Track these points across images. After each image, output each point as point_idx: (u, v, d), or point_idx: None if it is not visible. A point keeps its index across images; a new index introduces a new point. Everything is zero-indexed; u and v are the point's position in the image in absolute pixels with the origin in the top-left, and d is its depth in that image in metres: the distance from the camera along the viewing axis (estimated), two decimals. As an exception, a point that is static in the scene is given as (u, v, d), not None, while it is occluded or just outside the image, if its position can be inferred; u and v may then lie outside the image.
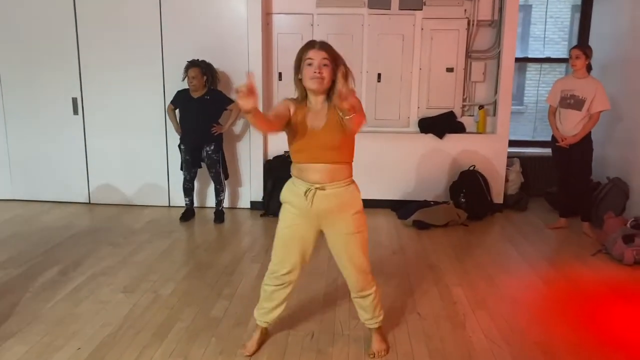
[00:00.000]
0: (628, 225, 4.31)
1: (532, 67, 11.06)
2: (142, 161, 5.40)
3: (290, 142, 2.45)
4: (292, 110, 2.40)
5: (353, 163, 2.48)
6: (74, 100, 5.30)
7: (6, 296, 3.30)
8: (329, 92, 2.40)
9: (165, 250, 4.22)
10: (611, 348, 2.78)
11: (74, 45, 5.21)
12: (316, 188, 2.38)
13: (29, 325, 2.94)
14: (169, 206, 5.46)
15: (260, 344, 2.74)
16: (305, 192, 2.38)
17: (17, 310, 3.11)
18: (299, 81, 2.41)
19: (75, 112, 5.33)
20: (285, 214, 2.51)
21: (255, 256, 4.11)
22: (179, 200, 5.25)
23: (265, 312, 2.66)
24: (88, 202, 5.52)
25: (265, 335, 2.80)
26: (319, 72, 2.32)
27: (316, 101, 2.42)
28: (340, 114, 2.24)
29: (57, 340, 2.77)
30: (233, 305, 3.22)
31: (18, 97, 5.36)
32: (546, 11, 11.23)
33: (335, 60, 2.35)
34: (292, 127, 2.40)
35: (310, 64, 2.34)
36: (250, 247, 4.38)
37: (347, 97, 2.06)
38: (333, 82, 2.36)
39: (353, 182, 2.50)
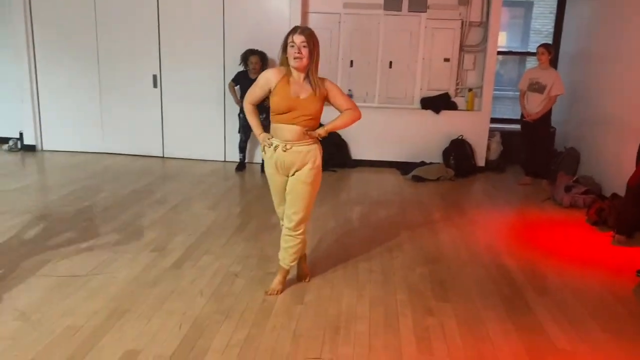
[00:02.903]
0: (571, 181, 5.78)
1: (531, 59, 12.30)
2: (205, 125, 6.96)
3: (273, 106, 3.03)
4: (274, 82, 3.00)
5: (367, 133, 3.61)
6: (154, 77, 6.88)
7: (130, 207, 4.90)
8: (308, 70, 2.98)
9: (229, 188, 5.83)
10: (547, 254, 4.19)
11: (156, 34, 6.76)
12: (287, 144, 3.04)
13: (152, 225, 4.55)
14: (224, 161, 7.03)
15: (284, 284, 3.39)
16: (276, 147, 3.07)
17: (141, 217, 4.72)
18: (285, 59, 3.00)
19: (155, 85, 6.91)
20: (267, 168, 3.21)
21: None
22: (233, 156, 6.81)
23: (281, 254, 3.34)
24: (162, 156, 7.12)
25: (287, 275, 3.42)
26: (299, 52, 2.91)
27: (298, 76, 3.00)
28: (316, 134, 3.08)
29: (174, 231, 4.37)
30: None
31: (111, 74, 6.93)
32: (543, 8, 12.41)
33: (312, 43, 2.93)
34: (275, 95, 2.99)
35: (292, 46, 2.92)
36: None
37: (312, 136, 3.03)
38: (311, 60, 2.95)
39: (318, 142, 3.13)
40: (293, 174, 3.15)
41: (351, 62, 6.89)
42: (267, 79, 3.07)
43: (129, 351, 2.66)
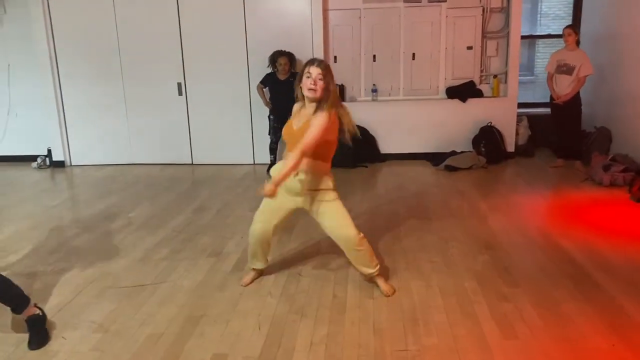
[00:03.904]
0: (608, 159, 5.77)
1: (540, 42, 12.27)
2: (232, 129, 6.96)
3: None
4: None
5: (394, 126, 3.39)
6: (179, 84, 6.89)
7: (173, 215, 4.91)
8: (321, 101, 2.96)
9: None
10: (600, 233, 4.20)
11: (178, 42, 6.76)
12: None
13: (201, 231, 4.56)
14: (254, 164, 7.03)
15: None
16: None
17: (188, 224, 4.73)
18: (299, 88, 3.05)
19: (180, 93, 6.91)
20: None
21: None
22: (262, 158, 6.81)
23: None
24: (191, 163, 7.13)
25: None
26: (314, 85, 2.93)
27: (310, 106, 3.02)
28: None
29: (226, 235, 4.38)
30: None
31: (135, 85, 6.94)
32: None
33: (329, 77, 2.95)
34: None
35: (308, 77, 2.94)
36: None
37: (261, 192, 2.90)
38: (325, 94, 2.95)
39: (325, 173, 3.09)
40: (309, 207, 3.15)
41: (374, 56, 6.88)
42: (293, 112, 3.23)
43: (217, 355, 2.67)
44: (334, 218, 3.14)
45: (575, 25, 6.44)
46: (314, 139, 2.90)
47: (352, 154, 6.61)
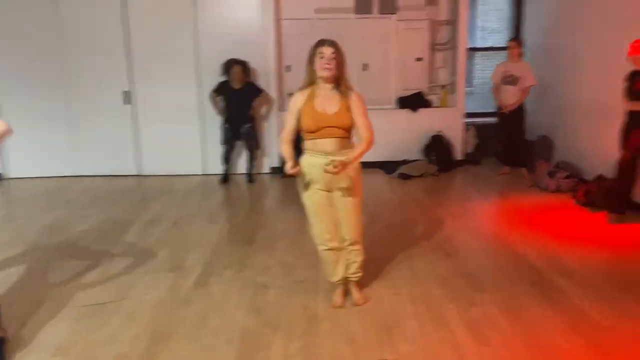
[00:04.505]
0: (552, 167, 6.04)
1: (478, 55, 12.74)
2: (181, 139, 6.76)
3: (303, 126, 2.98)
4: (299, 103, 2.98)
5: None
6: (125, 93, 6.63)
7: (128, 228, 4.71)
8: (337, 81, 2.97)
9: (221, 200, 5.72)
10: (554, 238, 4.35)
11: (124, 49, 6.52)
12: (327, 157, 2.90)
13: (159, 244, 4.39)
14: (204, 174, 6.86)
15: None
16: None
17: (144, 237, 4.55)
18: (312, 71, 2.98)
19: (126, 102, 6.66)
20: (310, 187, 3.08)
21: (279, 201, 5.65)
22: (213, 169, 6.66)
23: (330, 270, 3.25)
24: (137, 174, 6.86)
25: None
26: (329, 64, 2.92)
27: (325, 88, 2.98)
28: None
29: (185, 248, 4.24)
30: (278, 223, 4.76)
31: (78, 93, 6.59)
32: (488, 4, 12.88)
33: (341, 55, 2.96)
34: (304, 114, 2.96)
35: (322, 57, 2.92)
36: (280, 195, 5.91)
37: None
38: (340, 72, 2.96)
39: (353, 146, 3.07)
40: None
41: (327, 66, 6.92)
42: (295, 102, 3.03)
43: (190, 373, 2.56)
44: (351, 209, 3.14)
45: (517, 38, 6.73)
46: (367, 115, 3.03)
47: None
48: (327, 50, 2.93)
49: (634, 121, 4.51)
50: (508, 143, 6.57)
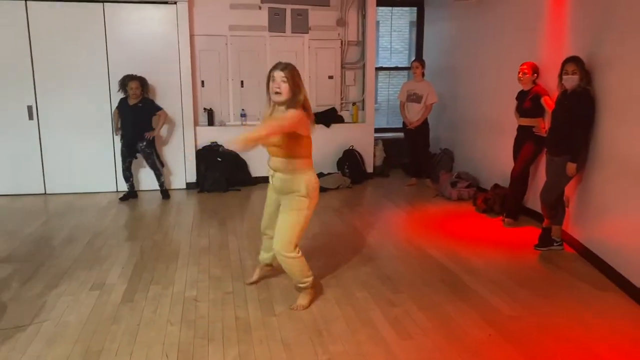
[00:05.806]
0: (453, 177, 6.57)
1: (382, 74, 13.49)
2: (91, 156, 6.54)
3: None
4: (263, 119, 3.37)
5: (260, 150, 3.29)
6: (29, 107, 6.31)
7: (40, 250, 4.50)
8: (290, 103, 3.10)
9: (136, 217, 5.61)
10: (459, 241, 4.80)
11: (29, 62, 6.22)
12: (274, 172, 3.29)
13: (75, 264, 4.25)
14: (117, 191, 6.67)
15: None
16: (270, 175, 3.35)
17: (58, 258, 4.38)
18: (268, 93, 3.20)
19: (31, 117, 6.34)
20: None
21: (198, 217, 5.66)
22: (125, 186, 6.49)
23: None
24: (44, 193, 6.53)
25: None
26: (278, 87, 3.08)
27: (279, 110, 3.17)
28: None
29: (104, 267, 4.15)
30: (203, 236, 4.79)
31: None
32: (391, 26, 13.67)
33: (293, 79, 3.09)
34: None
35: (273, 81, 3.11)
36: (199, 210, 5.90)
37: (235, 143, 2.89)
38: (292, 95, 3.09)
39: (301, 172, 3.19)
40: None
41: (242, 82, 7.04)
42: (263, 115, 3.39)
43: (128, 388, 2.56)
44: (283, 223, 3.29)
45: (420, 59, 7.28)
46: (286, 125, 3.03)
47: (225, 178, 6.67)
48: (278, 75, 3.09)
49: (523, 135, 5.08)
50: (414, 156, 7.06)
